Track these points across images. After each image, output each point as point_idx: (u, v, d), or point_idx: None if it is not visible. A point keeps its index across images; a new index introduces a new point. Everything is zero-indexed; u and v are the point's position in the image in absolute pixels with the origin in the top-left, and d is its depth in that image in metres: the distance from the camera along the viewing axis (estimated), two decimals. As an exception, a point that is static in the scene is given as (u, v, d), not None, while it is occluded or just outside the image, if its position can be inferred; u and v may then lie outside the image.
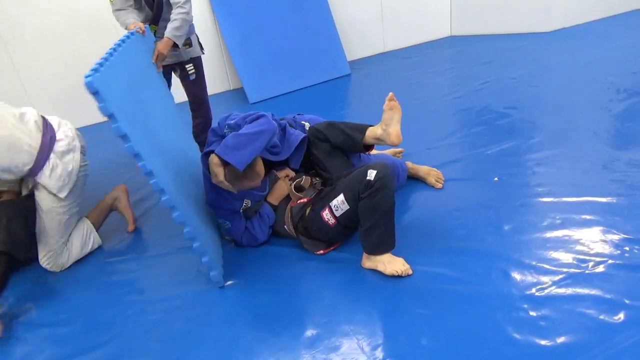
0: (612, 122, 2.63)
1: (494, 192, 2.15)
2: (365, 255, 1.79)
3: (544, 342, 1.38)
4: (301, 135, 2.04)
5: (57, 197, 1.96)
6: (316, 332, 1.55)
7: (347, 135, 1.99)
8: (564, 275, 1.61)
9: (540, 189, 2.11)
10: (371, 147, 2.06)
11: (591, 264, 1.64)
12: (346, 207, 1.78)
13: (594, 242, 1.74)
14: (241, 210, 1.97)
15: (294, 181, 2.05)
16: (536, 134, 2.61)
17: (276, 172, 2.08)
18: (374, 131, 1.94)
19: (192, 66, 2.53)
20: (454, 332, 1.46)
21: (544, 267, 1.66)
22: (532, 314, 1.48)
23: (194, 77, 2.55)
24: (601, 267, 1.62)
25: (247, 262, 1.97)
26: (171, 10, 2.34)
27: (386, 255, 1.76)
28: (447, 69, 4.04)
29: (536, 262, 1.68)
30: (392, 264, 1.73)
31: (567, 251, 1.72)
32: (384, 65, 4.46)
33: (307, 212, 1.94)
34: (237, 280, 1.87)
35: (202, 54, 2.64)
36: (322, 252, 1.91)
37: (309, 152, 2.07)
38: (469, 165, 2.42)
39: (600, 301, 1.49)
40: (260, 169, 1.81)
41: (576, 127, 2.61)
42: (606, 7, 4.77)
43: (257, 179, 1.82)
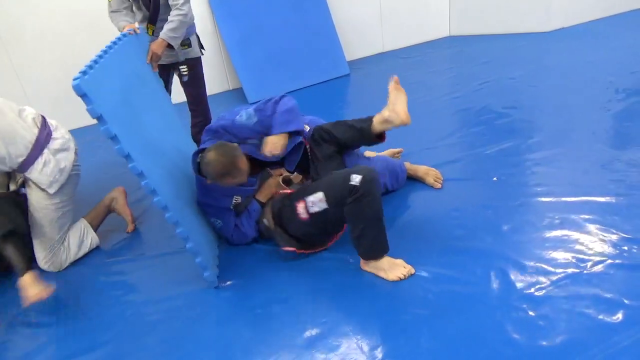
0: (611, 122, 2.63)
1: (493, 192, 2.15)
2: (362, 260, 1.78)
3: (543, 342, 1.38)
4: (299, 138, 2.03)
5: (47, 194, 1.96)
6: (315, 331, 1.55)
7: (356, 128, 1.95)
8: (563, 275, 1.61)
9: (539, 189, 2.12)
10: (382, 138, 1.99)
11: (590, 263, 1.65)
12: (324, 205, 1.72)
13: (592, 242, 1.74)
14: (231, 206, 1.98)
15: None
16: (535, 134, 2.61)
17: (270, 171, 2.09)
18: (381, 114, 1.88)
19: (186, 67, 2.52)
20: (453, 332, 1.46)
21: (543, 267, 1.66)
22: (531, 313, 1.48)
23: (186, 78, 2.55)
24: (600, 267, 1.62)
25: (246, 262, 1.97)
26: (169, 10, 2.34)
27: (384, 259, 1.73)
28: (447, 69, 4.04)
29: (535, 262, 1.69)
30: (393, 270, 1.71)
31: (566, 251, 1.72)
32: (383, 65, 4.46)
33: (285, 202, 1.90)
34: (236, 280, 1.87)
35: (202, 54, 2.64)
36: (291, 249, 1.85)
37: (310, 153, 2.06)
38: (468, 165, 2.42)
39: (599, 301, 1.49)
40: (243, 165, 1.82)
41: (575, 127, 2.62)
42: (606, 7, 4.76)
43: (241, 176, 1.82)
